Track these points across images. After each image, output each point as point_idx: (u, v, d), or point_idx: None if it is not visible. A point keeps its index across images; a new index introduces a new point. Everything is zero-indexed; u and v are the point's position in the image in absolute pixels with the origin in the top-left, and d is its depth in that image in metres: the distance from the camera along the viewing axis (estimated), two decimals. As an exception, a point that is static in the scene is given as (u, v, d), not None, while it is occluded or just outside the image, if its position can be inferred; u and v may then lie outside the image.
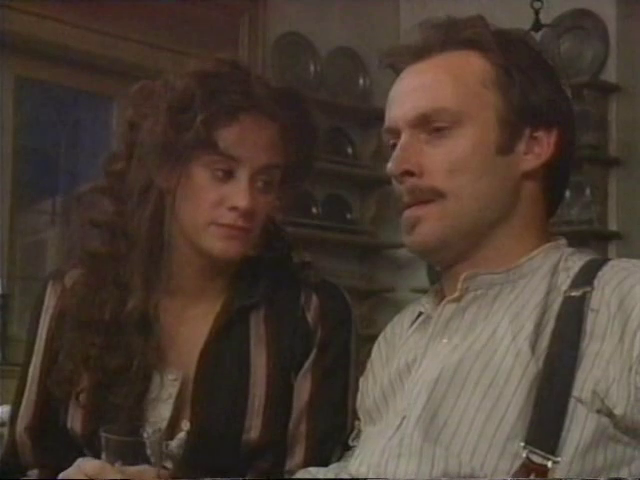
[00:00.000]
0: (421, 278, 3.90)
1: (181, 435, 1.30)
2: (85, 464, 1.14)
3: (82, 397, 1.32)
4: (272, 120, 1.31)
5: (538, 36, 3.83)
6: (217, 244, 1.31)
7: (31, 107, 3.73)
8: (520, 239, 1.18)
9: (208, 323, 1.35)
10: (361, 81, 4.44)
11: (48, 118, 3.85)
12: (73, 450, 1.33)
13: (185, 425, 1.30)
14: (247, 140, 1.30)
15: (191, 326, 1.35)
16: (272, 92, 1.33)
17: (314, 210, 4.33)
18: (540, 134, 1.17)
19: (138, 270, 1.33)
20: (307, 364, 1.34)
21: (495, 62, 1.17)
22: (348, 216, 4.44)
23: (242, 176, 1.30)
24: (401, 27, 4.35)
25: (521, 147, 1.17)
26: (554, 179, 1.20)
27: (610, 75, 4.01)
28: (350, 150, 4.44)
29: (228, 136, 1.29)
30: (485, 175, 1.15)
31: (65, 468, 1.35)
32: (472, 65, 1.17)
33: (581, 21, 4.06)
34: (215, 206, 1.30)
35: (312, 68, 4.35)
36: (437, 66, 1.18)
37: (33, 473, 1.38)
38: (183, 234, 1.33)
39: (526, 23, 3.77)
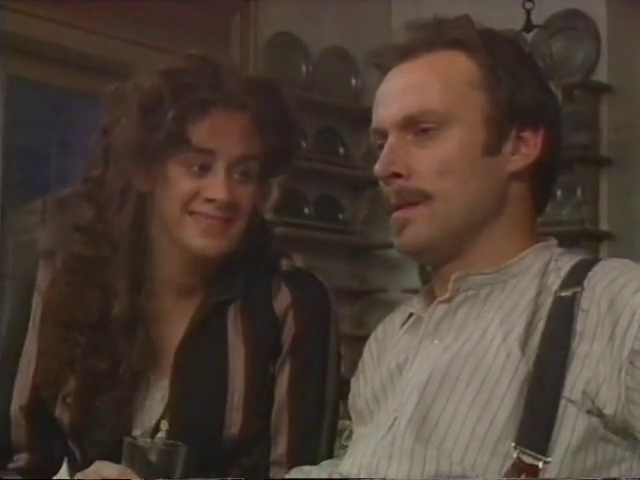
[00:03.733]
0: (413, 278, 3.90)
1: (160, 434, 1.30)
2: (104, 467, 1.14)
3: (69, 400, 1.32)
4: (244, 111, 1.31)
5: (530, 37, 3.84)
6: (197, 240, 1.30)
7: (22, 106, 3.72)
8: (510, 239, 1.18)
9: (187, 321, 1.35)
10: (353, 81, 4.44)
11: (39, 117, 3.84)
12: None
13: (164, 425, 1.30)
14: (219, 133, 1.30)
15: (174, 325, 1.35)
16: (244, 83, 1.33)
17: (306, 210, 4.33)
18: (527, 134, 1.17)
19: (122, 273, 1.32)
20: (283, 354, 1.34)
21: (481, 62, 1.16)
22: (340, 216, 4.45)
23: (218, 169, 1.30)
24: (393, 27, 4.35)
25: (508, 147, 1.17)
26: (542, 179, 1.20)
27: (601, 75, 4.02)
28: (342, 150, 4.44)
29: (200, 130, 1.29)
30: (472, 176, 1.15)
31: (56, 453, 1.35)
32: (459, 66, 1.17)
33: (572, 22, 4.07)
34: (192, 197, 1.30)
35: (304, 68, 4.35)
36: (424, 66, 1.18)
37: (21, 457, 1.37)
38: (165, 231, 1.33)
39: (518, 24, 3.78)
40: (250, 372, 1.32)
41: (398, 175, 1.16)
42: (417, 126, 1.16)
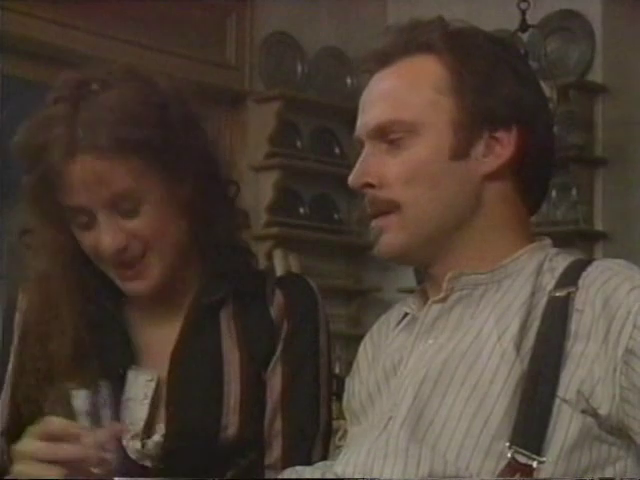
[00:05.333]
0: (408, 278, 3.90)
1: (156, 437, 1.30)
2: (24, 443, 1.14)
3: (47, 406, 1.29)
4: (99, 153, 1.25)
5: (525, 37, 3.85)
6: (121, 285, 1.31)
7: (17, 106, 3.71)
8: (497, 240, 1.17)
9: (179, 323, 1.35)
10: (348, 81, 4.45)
11: (34, 117, 3.83)
12: None
13: (160, 429, 1.30)
14: (80, 186, 1.26)
15: (164, 326, 1.35)
16: (99, 120, 1.25)
17: (301, 210, 4.33)
18: (500, 134, 1.16)
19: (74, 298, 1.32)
20: (275, 358, 1.34)
21: (450, 66, 1.16)
22: (335, 216, 4.45)
23: (99, 218, 1.27)
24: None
25: (478, 150, 1.16)
26: (527, 178, 1.18)
27: (596, 76, 4.03)
28: (337, 150, 4.44)
29: (62, 192, 1.27)
30: (440, 182, 1.15)
31: None
32: (427, 71, 1.17)
33: (567, 22, 4.08)
34: (94, 251, 1.30)
35: (299, 68, 4.35)
36: (396, 74, 1.18)
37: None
38: None
39: (513, 24, 3.79)
40: (245, 374, 1.32)
41: (370, 185, 1.17)
42: (387, 136, 1.17)
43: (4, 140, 1.41)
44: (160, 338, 1.35)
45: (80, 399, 1.13)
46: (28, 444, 1.14)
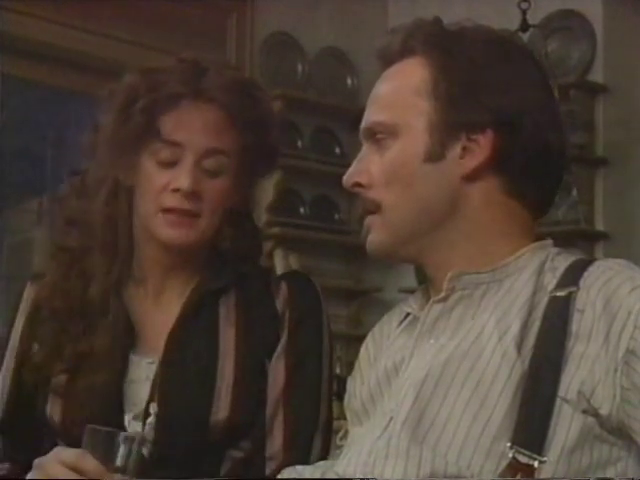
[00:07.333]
0: (409, 278, 3.90)
1: (151, 419, 1.32)
2: (63, 451, 1.16)
3: (55, 383, 1.34)
4: (214, 105, 1.35)
5: (525, 37, 3.84)
6: (165, 231, 1.35)
7: (17, 106, 3.71)
8: (488, 240, 1.17)
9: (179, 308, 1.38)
10: (349, 81, 4.45)
11: (34, 117, 3.83)
12: (46, 444, 1.34)
13: (153, 408, 1.32)
14: (188, 125, 1.34)
15: (166, 311, 1.38)
16: (219, 80, 1.36)
17: (302, 210, 4.33)
18: (478, 136, 1.16)
19: (98, 262, 1.37)
20: (279, 349, 1.36)
21: (430, 71, 1.18)
22: (336, 216, 4.44)
23: (186, 160, 1.33)
24: (389, 27, 4.35)
25: (454, 152, 1.16)
26: (517, 178, 1.17)
27: (597, 75, 4.02)
28: (338, 150, 4.44)
29: (168, 122, 1.34)
30: (415, 184, 1.17)
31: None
32: (411, 74, 1.19)
33: (568, 22, 4.07)
34: (161, 191, 1.34)
35: (300, 68, 4.35)
36: (389, 76, 1.22)
37: (3, 467, 1.39)
38: (141, 225, 1.38)
39: (514, 23, 3.79)
40: (240, 362, 1.35)
41: (360, 185, 1.21)
42: (375, 136, 1.20)
43: (4, 140, 1.45)
44: (163, 322, 1.37)
45: (120, 450, 1.12)
46: (52, 464, 1.14)
